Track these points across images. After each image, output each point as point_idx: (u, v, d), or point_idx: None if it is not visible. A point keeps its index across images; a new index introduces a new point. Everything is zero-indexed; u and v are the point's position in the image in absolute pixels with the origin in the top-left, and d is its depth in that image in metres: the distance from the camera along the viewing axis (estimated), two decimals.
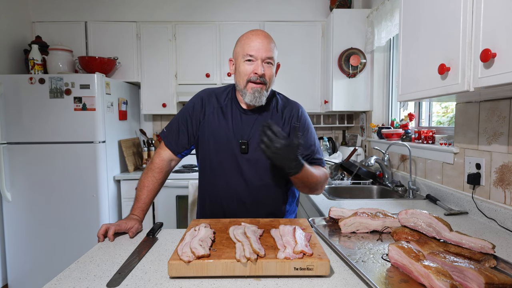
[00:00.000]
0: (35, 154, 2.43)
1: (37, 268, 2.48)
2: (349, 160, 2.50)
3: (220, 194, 1.26)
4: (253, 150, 1.21)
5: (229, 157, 1.22)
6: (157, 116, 3.29)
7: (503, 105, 1.30)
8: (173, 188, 2.62)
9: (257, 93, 1.16)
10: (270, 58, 1.15)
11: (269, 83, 1.18)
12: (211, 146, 1.24)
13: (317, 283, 0.80)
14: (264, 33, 1.18)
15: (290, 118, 1.26)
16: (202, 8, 2.99)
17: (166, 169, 1.30)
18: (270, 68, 1.17)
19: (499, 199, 1.32)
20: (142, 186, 1.24)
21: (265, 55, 1.14)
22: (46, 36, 2.84)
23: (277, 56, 1.21)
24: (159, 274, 0.85)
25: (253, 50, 1.14)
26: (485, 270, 0.71)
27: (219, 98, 1.28)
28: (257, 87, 1.16)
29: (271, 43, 1.17)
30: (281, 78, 2.92)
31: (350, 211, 1.19)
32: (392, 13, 2.21)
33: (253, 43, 1.14)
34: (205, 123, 1.26)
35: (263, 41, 1.14)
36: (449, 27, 1.11)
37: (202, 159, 1.29)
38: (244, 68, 1.16)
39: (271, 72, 1.18)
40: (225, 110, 1.25)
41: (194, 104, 1.29)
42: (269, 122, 1.00)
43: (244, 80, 1.17)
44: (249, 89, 1.16)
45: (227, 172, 1.23)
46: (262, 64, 1.15)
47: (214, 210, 1.28)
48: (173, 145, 1.29)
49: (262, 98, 1.18)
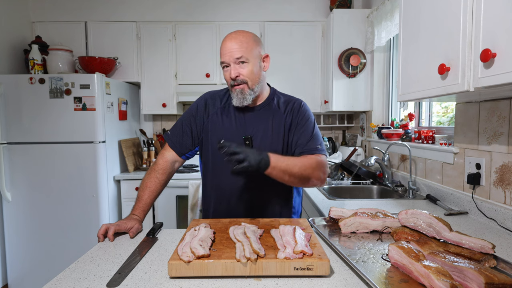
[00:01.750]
0: (35, 154, 2.43)
1: (37, 268, 2.48)
2: (349, 160, 2.50)
3: (226, 192, 1.27)
4: (257, 145, 1.23)
5: None
6: (157, 116, 3.29)
7: (503, 105, 1.30)
8: (173, 188, 2.62)
9: (240, 94, 1.19)
10: (239, 58, 1.16)
11: (250, 81, 1.19)
12: (215, 145, 1.25)
13: (317, 283, 0.80)
14: (235, 34, 1.18)
15: (291, 110, 1.28)
16: (202, 8, 2.99)
17: (170, 171, 1.31)
18: (245, 66, 1.17)
19: (499, 199, 1.32)
20: (144, 187, 1.25)
21: (234, 56, 1.16)
22: (46, 36, 2.84)
23: (256, 50, 1.19)
24: (159, 274, 0.85)
25: (224, 57, 1.17)
26: (485, 270, 0.71)
27: (222, 99, 1.31)
28: (238, 88, 1.19)
29: (242, 42, 1.16)
30: (281, 78, 2.93)
31: (350, 211, 1.19)
32: (392, 13, 2.21)
33: (223, 50, 1.18)
34: (209, 123, 1.28)
35: (231, 44, 1.16)
36: (449, 27, 1.11)
37: (206, 159, 1.31)
38: (225, 75, 1.21)
39: (247, 70, 1.17)
40: (228, 110, 1.28)
41: (197, 105, 1.32)
42: (220, 143, 1.01)
43: (229, 85, 1.23)
44: (234, 92, 1.21)
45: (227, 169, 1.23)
46: (235, 66, 1.17)
47: (220, 208, 1.29)
48: (177, 146, 1.30)
49: (246, 97, 1.20)
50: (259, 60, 1.21)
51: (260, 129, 1.24)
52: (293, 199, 1.33)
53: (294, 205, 1.34)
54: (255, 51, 1.20)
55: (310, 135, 1.25)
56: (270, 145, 1.23)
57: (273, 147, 1.23)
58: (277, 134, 1.25)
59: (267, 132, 1.24)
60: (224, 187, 1.27)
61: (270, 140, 1.24)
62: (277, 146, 1.24)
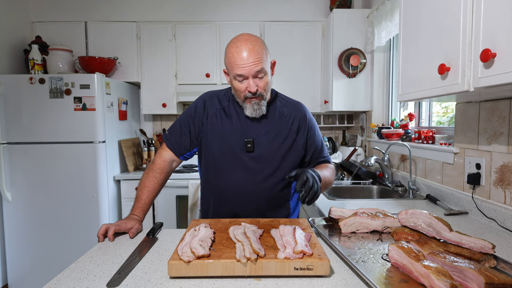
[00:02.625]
0: (35, 154, 2.43)
1: (37, 268, 2.48)
2: (349, 160, 2.50)
3: (225, 193, 1.26)
4: (259, 149, 1.22)
5: (234, 156, 1.23)
6: (157, 116, 3.29)
7: (503, 105, 1.30)
8: (173, 188, 2.62)
9: (256, 106, 1.17)
10: (260, 71, 1.12)
11: (266, 93, 1.18)
12: (215, 146, 1.24)
13: (317, 283, 0.80)
14: (250, 44, 1.10)
15: (297, 116, 1.29)
16: (202, 8, 2.99)
17: (167, 170, 1.30)
18: (263, 79, 1.14)
19: (499, 199, 1.32)
20: (143, 186, 1.25)
21: (255, 69, 1.10)
22: (46, 36, 2.84)
23: (268, 58, 1.16)
24: (159, 274, 0.85)
25: (241, 69, 1.10)
26: (485, 270, 0.71)
27: (221, 100, 1.28)
28: (255, 100, 1.17)
29: (258, 54, 1.10)
30: (281, 78, 2.93)
31: (350, 211, 1.19)
32: (392, 13, 2.21)
33: (240, 62, 1.10)
34: (208, 124, 1.26)
35: (249, 55, 1.09)
36: (449, 27, 1.11)
37: (206, 160, 1.29)
38: (237, 86, 1.15)
39: (264, 83, 1.15)
40: (228, 111, 1.26)
41: (196, 106, 1.29)
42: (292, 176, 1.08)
43: (241, 96, 1.17)
44: (248, 103, 1.18)
45: (231, 171, 1.23)
46: (254, 80, 1.13)
47: (219, 209, 1.28)
48: (175, 146, 1.30)
49: (262, 108, 1.19)
50: (268, 73, 1.17)
51: (262, 132, 1.23)
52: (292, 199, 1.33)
53: (293, 205, 1.34)
54: (269, 60, 1.17)
55: (321, 143, 1.33)
56: (272, 148, 1.23)
57: (276, 151, 1.23)
58: (281, 138, 1.24)
59: (269, 136, 1.23)
60: (224, 188, 1.26)
61: (273, 144, 1.23)
62: (280, 149, 1.24)
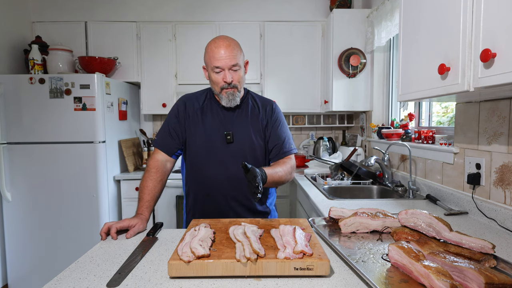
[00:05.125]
0: (35, 154, 2.43)
1: (37, 268, 2.48)
2: (349, 160, 2.50)
3: (205, 186, 1.35)
4: (238, 140, 1.34)
5: (214, 149, 1.34)
6: (157, 116, 3.29)
7: (503, 105, 1.30)
8: (173, 188, 2.62)
9: (231, 96, 1.32)
10: (235, 65, 1.28)
11: (239, 85, 1.32)
12: (198, 142, 1.35)
13: (317, 283, 0.80)
14: (226, 42, 1.28)
15: (266, 111, 1.41)
16: (202, 8, 2.99)
17: (163, 169, 1.36)
18: (237, 73, 1.30)
19: (499, 199, 1.32)
20: (143, 187, 1.31)
21: (230, 63, 1.27)
22: (46, 36, 2.84)
23: (242, 57, 1.33)
24: (159, 274, 0.85)
25: (218, 62, 1.26)
26: (485, 270, 0.71)
27: (199, 100, 1.42)
28: (230, 91, 1.31)
29: (233, 50, 1.27)
30: (281, 78, 2.93)
31: (350, 211, 1.19)
32: (392, 13, 2.21)
33: (217, 55, 1.26)
34: (190, 122, 1.38)
35: (226, 51, 1.26)
36: (449, 27, 1.11)
37: (190, 157, 1.39)
38: (215, 77, 1.30)
39: (238, 76, 1.30)
40: (206, 109, 1.39)
41: (178, 107, 1.41)
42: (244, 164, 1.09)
43: (218, 87, 1.32)
44: (224, 94, 1.32)
45: (211, 163, 1.34)
46: (229, 72, 1.28)
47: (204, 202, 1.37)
48: (165, 146, 1.38)
49: (236, 99, 1.33)
50: (242, 68, 1.34)
51: (239, 125, 1.36)
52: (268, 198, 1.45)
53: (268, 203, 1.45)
54: (242, 58, 1.34)
55: (284, 136, 1.40)
56: (250, 140, 1.35)
57: (254, 142, 1.36)
58: (255, 131, 1.37)
59: (246, 128, 1.36)
60: (204, 179, 1.35)
61: (250, 136, 1.36)
62: (257, 141, 1.37)
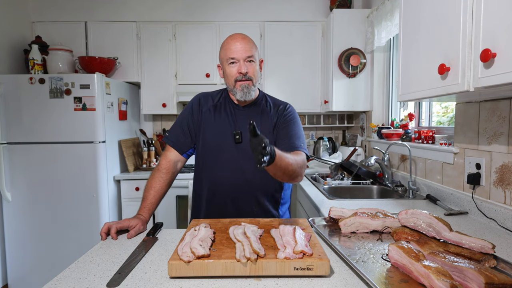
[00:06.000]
0: (35, 154, 2.43)
1: (37, 268, 2.48)
2: (349, 160, 2.50)
3: (218, 185, 1.32)
4: (247, 140, 1.29)
5: (226, 148, 1.31)
6: (157, 116, 3.29)
7: (503, 105, 1.30)
8: (173, 188, 2.57)
9: (245, 89, 1.28)
10: (250, 57, 1.27)
11: (254, 78, 1.30)
12: (209, 141, 1.33)
13: (317, 283, 0.80)
14: (242, 35, 1.30)
15: (277, 111, 1.37)
16: (202, 8, 2.99)
17: (173, 170, 1.36)
18: (252, 65, 1.28)
19: (499, 199, 1.32)
20: (149, 187, 1.29)
21: (245, 54, 1.26)
22: (46, 36, 2.84)
23: (257, 53, 1.32)
24: (159, 274, 0.85)
25: (234, 53, 1.26)
26: (485, 270, 0.71)
27: (214, 98, 1.40)
28: (244, 83, 1.28)
29: (249, 43, 1.28)
30: (281, 78, 2.93)
31: (350, 211, 1.19)
32: (392, 13, 2.21)
33: (233, 47, 1.26)
34: (203, 120, 1.36)
35: (241, 43, 1.26)
36: (449, 27, 1.11)
37: (201, 155, 1.37)
38: (230, 70, 1.28)
39: (254, 69, 1.29)
40: (219, 108, 1.37)
41: (192, 104, 1.40)
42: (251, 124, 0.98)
43: (232, 80, 1.29)
44: (238, 87, 1.28)
45: (224, 163, 1.31)
46: (245, 63, 1.27)
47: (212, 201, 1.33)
48: (178, 144, 1.37)
49: (251, 93, 1.30)
50: (257, 63, 1.33)
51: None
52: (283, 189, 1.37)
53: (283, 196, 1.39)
54: (257, 54, 1.32)
55: (295, 133, 1.32)
56: None
57: None
58: (265, 131, 1.33)
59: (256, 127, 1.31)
60: (217, 180, 1.32)
61: None
62: None
